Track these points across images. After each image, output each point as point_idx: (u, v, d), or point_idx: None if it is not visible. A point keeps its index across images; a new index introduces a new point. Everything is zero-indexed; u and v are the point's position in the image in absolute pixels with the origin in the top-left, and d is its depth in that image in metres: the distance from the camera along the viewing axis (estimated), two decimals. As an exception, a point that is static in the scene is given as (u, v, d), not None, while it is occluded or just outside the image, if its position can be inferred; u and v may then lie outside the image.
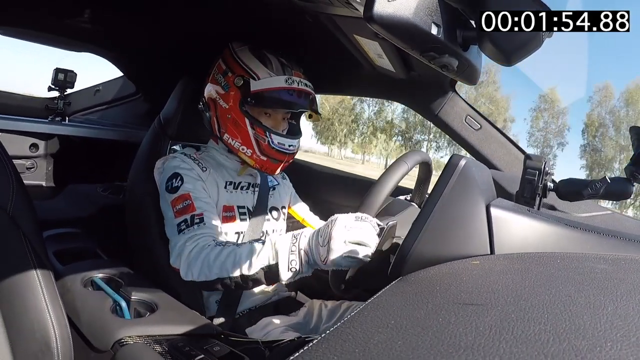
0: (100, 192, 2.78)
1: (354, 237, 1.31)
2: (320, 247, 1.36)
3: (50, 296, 1.28)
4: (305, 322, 1.99)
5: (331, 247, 1.32)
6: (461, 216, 1.01)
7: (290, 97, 1.84)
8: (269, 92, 1.79)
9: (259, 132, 1.80)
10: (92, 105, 3.60)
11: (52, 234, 2.07)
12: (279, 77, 1.80)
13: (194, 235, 1.63)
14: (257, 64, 1.81)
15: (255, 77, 1.78)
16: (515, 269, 0.82)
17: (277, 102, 1.84)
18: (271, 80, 1.79)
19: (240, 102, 1.79)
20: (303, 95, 1.87)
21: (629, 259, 0.87)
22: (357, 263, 1.34)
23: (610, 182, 1.28)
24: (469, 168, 1.03)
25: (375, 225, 1.36)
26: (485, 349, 0.46)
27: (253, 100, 1.78)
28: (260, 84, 1.78)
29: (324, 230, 1.38)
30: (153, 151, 2.04)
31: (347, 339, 0.54)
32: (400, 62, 1.91)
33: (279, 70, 1.82)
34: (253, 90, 1.77)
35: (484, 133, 2.05)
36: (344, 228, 1.33)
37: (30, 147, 2.89)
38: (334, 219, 1.37)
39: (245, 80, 1.78)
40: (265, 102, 1.81)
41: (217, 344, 1.40)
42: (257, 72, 1.79)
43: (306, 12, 1.72)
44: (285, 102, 1.85)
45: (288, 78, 1.81)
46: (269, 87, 1.78)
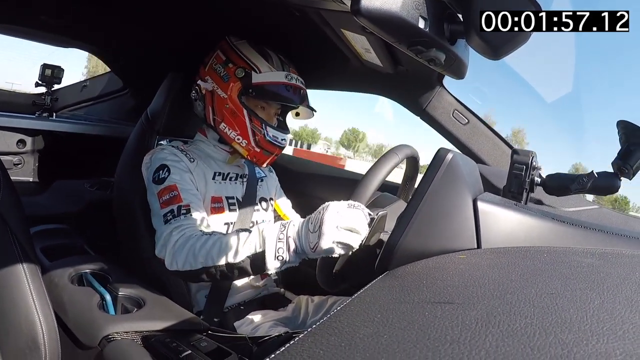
0: (87, 187, 2.77)
1: (346, 223, 1.30)
2: (311, 233, 1.35)
3: (37, 292, 1.28)
4: (293, 317, 1.99)
5: (322, 232, 1.30)
6: (448, 210, 1.02)
7: (288, 92, 1.88)
8: (270, 86, 1.82)
9: (255, 123, 1.83)
10: (80, 100, 3.58)
11: (40, 229, 2.06)
12: (280, 72, 1.84)
13: (180, 225, 1.61)
14: (258, 58, 1.85)
15: (257, 70, 1.81)
16: (502, 263, 0.82)
17: (277, 96, 1.87)
18: (272, 74, 1.82)
19: (239, 93, 1.82)
20: (298, 91, 1.91)
21: (615, 253, 0.88)
22: (347, 249, 1.33)
23: (597, 177, 1.29)
24: (456, 162, 1.03)
25: (367, 214, 1.36)
26: (471, 343, 0.46)
27: (254, 92, 1.81)
28: (262, 77, 1.81)
29: (315, 217, 1.37)
30: (140, 146, 2.03)
31: (333, 333, 0.54)
32: (387, 57, 1.91)
33: (279, 66, 1.86)
34: (255, 83, 1.80)
35: (472, 127, 2.06)
36: (336, 214, 1.32)
37: (17, 143, 2.88)
38: (326, 205, 1.36)
39: (247, 72, 1.81)
40: (265, 95, 1.84)
41: (205, 339, 1.41)
42: (259, 66, 1.82)
43: (293, 7, 1.72)
44: (284, 97, 1.88)
45: (287, 74, 1.85)
46: (270, 80, 1.82)
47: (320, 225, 1.32)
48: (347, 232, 1.29)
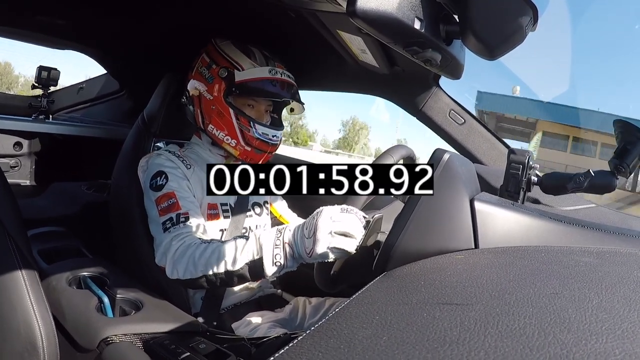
0: (84, 190, 2.76)
1: (340, 228, 1.30)
2: (306, 239, 1.36)
3: (35, 295, 1.28)
4: (290, 319, 1.99)
5: (317, 238, 1.31)
6: (445, 210, 1.02)
7: (274, 87, 1.87)
8: (253, 82, 1.82)
9: (243, 122, 1.83)
10: (76, 103, 3.57)
11: (37, 232, 2.06)
12: (263, 67, 1.84)
13: (180, 234, 1.61)
14: (240, 56, 1.84)
15: (239, 68, 1.81)
16: (500, 263, 0.82)
17: (261, 92, 1.86)
18: (255, 70, 1.82)
19: (224, 93, 1.82)
20: (286, 86, 1.91)
21: (613, 252, 0.88)
22: (342, 255, 1.33)
23: (594, 176, 1.29)
24: (452, 162, 1.03)
25: (361, 217, 1.36)
26: (470, 344, 0.46)
27: (238, 90, 1.81)
28: (244, 75, 1.81)
29: (309, 222, 1.38)
30: (137, 149, 2.03)
31: (332, 335, 0.54)
32: (383, 57, 1.91)
33: (262, 62, 1.86)
34: (237, 81, 1.80)
35: (468, 127, 2.06)
36: (329, 219, 1.32)
37: (14, 146, 2.87)
38: (320, 210, 1.36)
39: (229, 71, 1.81)
40: (249, 92, 1.84)
41: (203, 341, 1.40)
42: (241, 63, 1.82)
43: (288, 8, 1.72)
44: (269, 92, 1.88)
45: (271, 69, 1.85)
46: (252, 77, 1.81)
47: (314, 231, 1.32)
48: (341, 238, 1.30)
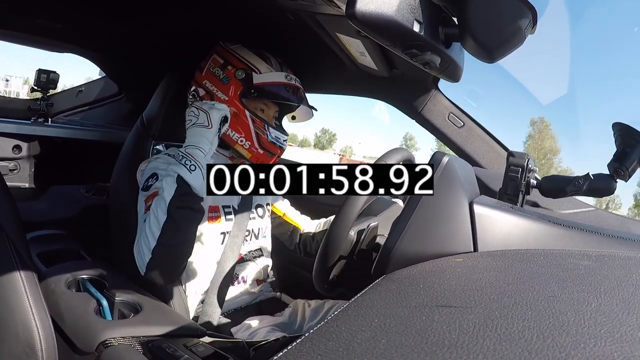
0: (83, 193, 2.76)
1: None
2: None
3: (34, 298, 1.28)
4: (290, 322, 1.99)
5: None
6: (444, 213, 1.02)
7: (288, 93, 1.91)
8: (269, 86, 1.85)
9: (258, 124, 1.85)
10: (75, 106, 3.56)
11: (36, 235, 2.05)
12: (279, 72, 1.87)
13: None
14: (257, 59, 1.87)
15: (257, 71, 1.83)
16: (499, 266, 0.82)
17: (277, 96, 1.90)
18: (272, 75, 1.85)
19: (240, 94, 1.83)
20: (297, 92, 1.95)
21: (612, 256, 0.88)
22: None
23: (593, 179, 1.29)
24: (451, 165, 1.03)
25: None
26: (469, 347, 0.46)
27: (255, 92, 1.83)
28: (263, 78, 1.83)
29: None
30: (136, 151, 2.03)
31: (330, 338, 0.54)
32: (382, 60, 1.91)
33: (278, 67, 1.89)
34: (256, 83, 1.82)
35: (467, 130, 2.06)
36: None
37: (13, 149, 2.87)
38: None
39: (247, 73, 1.83)
40: (266, 95, 1.87)
41: (202, 344, 1.40)
42: (259, 67, 1.85)
43: (287, 10, 1.72)
44: (285, 97, 1.91)
45: (287, 75, 1.88)
46: (270, 81, 1.85)
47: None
48: None
